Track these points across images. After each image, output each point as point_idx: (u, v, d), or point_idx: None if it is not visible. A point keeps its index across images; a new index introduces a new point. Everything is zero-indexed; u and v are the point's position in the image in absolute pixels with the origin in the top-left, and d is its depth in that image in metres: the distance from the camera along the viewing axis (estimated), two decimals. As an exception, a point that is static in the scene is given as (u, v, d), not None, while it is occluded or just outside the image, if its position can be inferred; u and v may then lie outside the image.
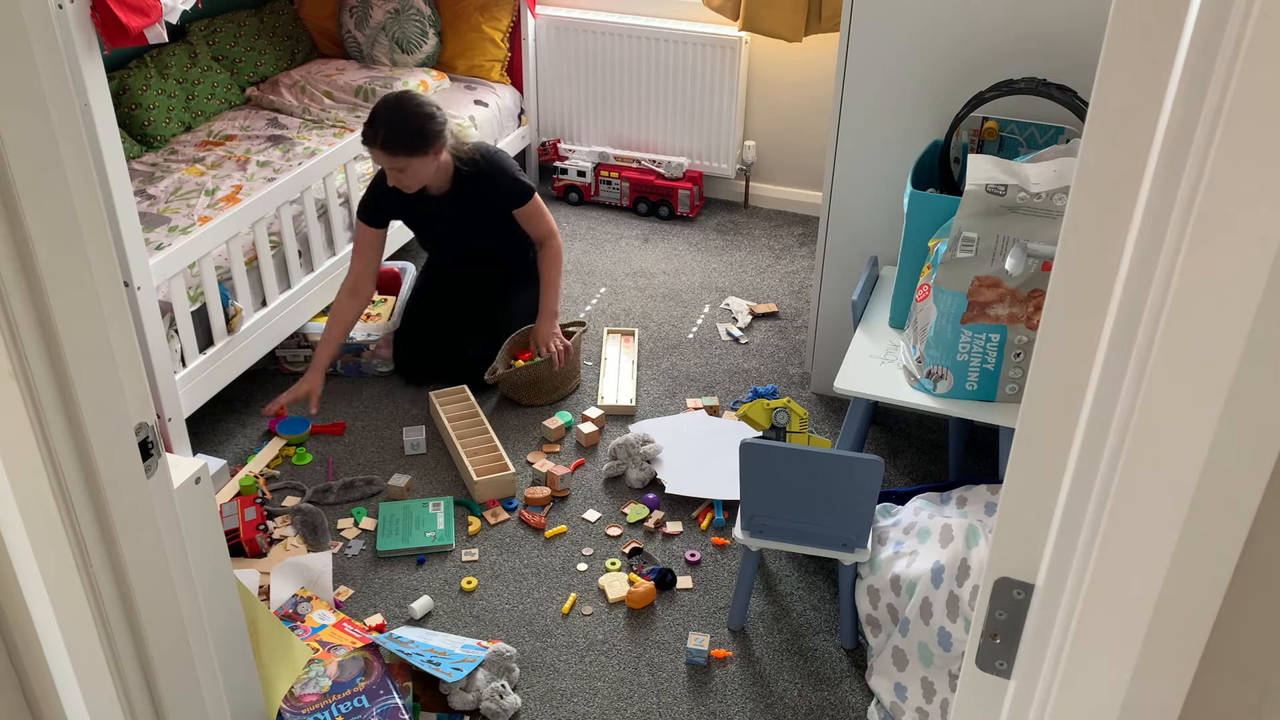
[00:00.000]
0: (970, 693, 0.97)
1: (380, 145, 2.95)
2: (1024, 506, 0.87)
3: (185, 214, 3.35)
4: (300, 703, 2.26)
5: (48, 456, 1.14)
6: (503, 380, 3.25)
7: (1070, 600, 0.82)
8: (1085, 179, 0.74)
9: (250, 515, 2.73)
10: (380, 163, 3.03)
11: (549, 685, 2.40)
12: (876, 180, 2.96)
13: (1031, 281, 2.18)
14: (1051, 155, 2.31)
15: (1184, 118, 0.66)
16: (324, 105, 4.14)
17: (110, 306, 1.17)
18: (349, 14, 4.46)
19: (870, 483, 2.23)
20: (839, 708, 2.36)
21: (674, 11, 4.34)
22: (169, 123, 3.84)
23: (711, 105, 4.33)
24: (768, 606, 2.61)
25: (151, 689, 1.37)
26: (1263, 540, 0.74)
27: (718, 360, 3.52)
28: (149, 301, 2.66)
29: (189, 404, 2.92)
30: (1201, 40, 0.64)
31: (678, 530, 2.82)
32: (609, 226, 4.36)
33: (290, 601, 2.52)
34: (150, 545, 1.30)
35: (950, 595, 2.19)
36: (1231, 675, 0.82)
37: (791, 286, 3.94)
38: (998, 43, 2.69)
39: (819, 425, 3.21)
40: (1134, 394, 0.72)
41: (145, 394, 1.26)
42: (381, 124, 2.96)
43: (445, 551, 2.75)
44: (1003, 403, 2.33)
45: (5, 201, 1.04)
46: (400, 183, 3.05)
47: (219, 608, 1.92)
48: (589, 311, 3.77)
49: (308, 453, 3.07)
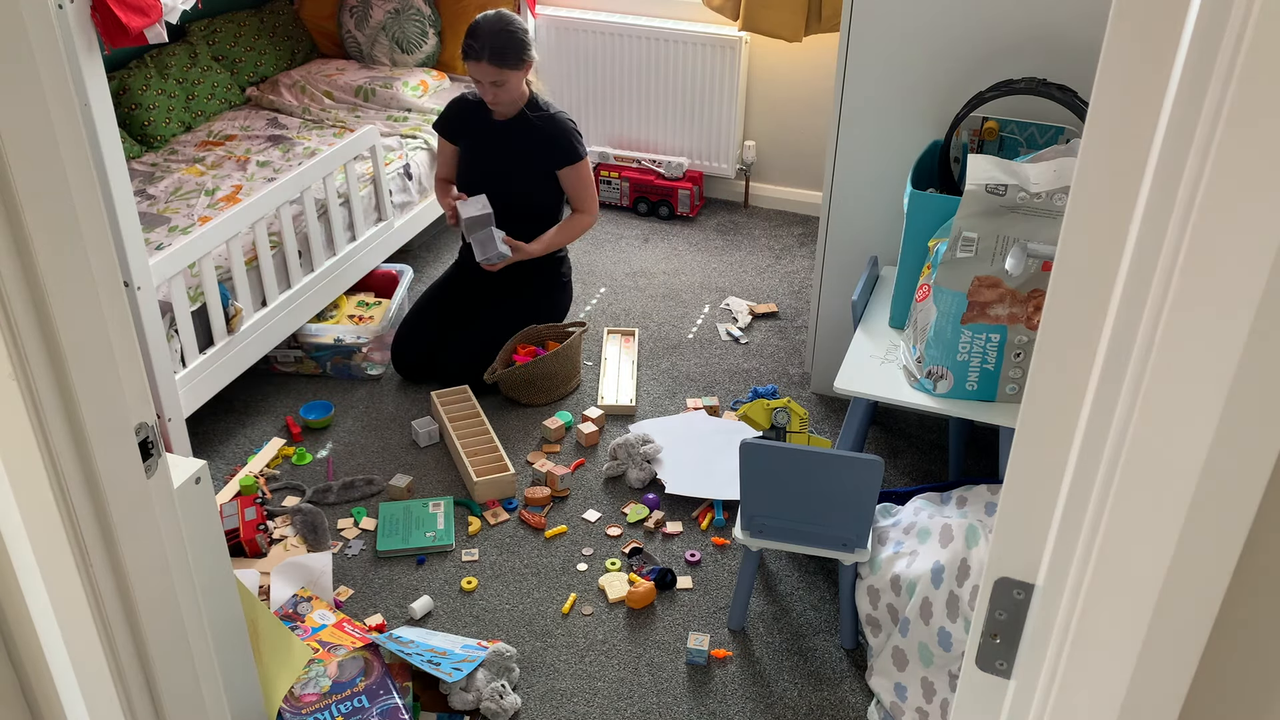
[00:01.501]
0: (970, 693, 0.97)
1: (489, 58, 3.14)
2: (1024, 506, 0.87)
3: (185, 214, 3.35)
4: (300, 703, 2.26)
5: (48, 456, 1.14)
6: (503, 380, 3.25)
7: (1070, 600, 0.83)
8: (1085, 179, 0.74)
9: (250, 515, 2.73)
10: (480, 76, 3.19)
11: (549, 685, 2.40)
12: (876, 180, 2.96)
13: (1031, 281, 2.18)
14: (1051, 155, 2.31)
15: (1184, 118, 0.66)
16: (324, 105, 4.14)
17: (110, 307, 1.17)
18: (349, 14, 4.47)
19: (870, 483, 2.23)
20: (839, 708, 2.36)
21: (674, 11, 4.34)
22: (169, 123, 3.84)
23: (711, 105, 4.33)
24: (768, 606, 2.61)
25: (151, 689, 1.37)
26: (1263, 540, 0.74)
27: (718, 360, 3.52)
28: (149, 301, 2.65)
29: (189, 404, 2.92)
30: (1201, 40, 0.64)
31: (678, 530, 2.82)
32: (609, 226, 4.36)
33: (290, 601, 2.52)
34: (150, 545, 1.30)
35: (950, 595, 2.19)
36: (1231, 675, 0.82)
37: (791, 286, 3.94)
38: (998, 43, 2.69)
39: (819, 425, 3.21)
40: (1134, 394, 0.72)
41: (145, 394, 1.26)
42: (488, 37, 3.15)
43: (445, 551, 2.75)
44: (1003, 403, 2.33)
45: (5, 201, 1.04)
46: (496, 98, 3.24)
47: (219, 608, 1.92)
48: (589, 311, 3.77)
49: (307, 453, 3.08)
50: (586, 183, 3.40)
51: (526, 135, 3.32)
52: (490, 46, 3.14)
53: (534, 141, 3.32)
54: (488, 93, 3.24)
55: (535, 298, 3.43)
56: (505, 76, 3.18)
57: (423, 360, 3.37)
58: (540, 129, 3.31)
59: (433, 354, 3.36)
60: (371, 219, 3.67)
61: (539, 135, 3.31)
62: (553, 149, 3.32)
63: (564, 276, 3.52)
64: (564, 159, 3.33)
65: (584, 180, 3.39)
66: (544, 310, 3.46)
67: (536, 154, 3.32)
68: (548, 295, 3.47)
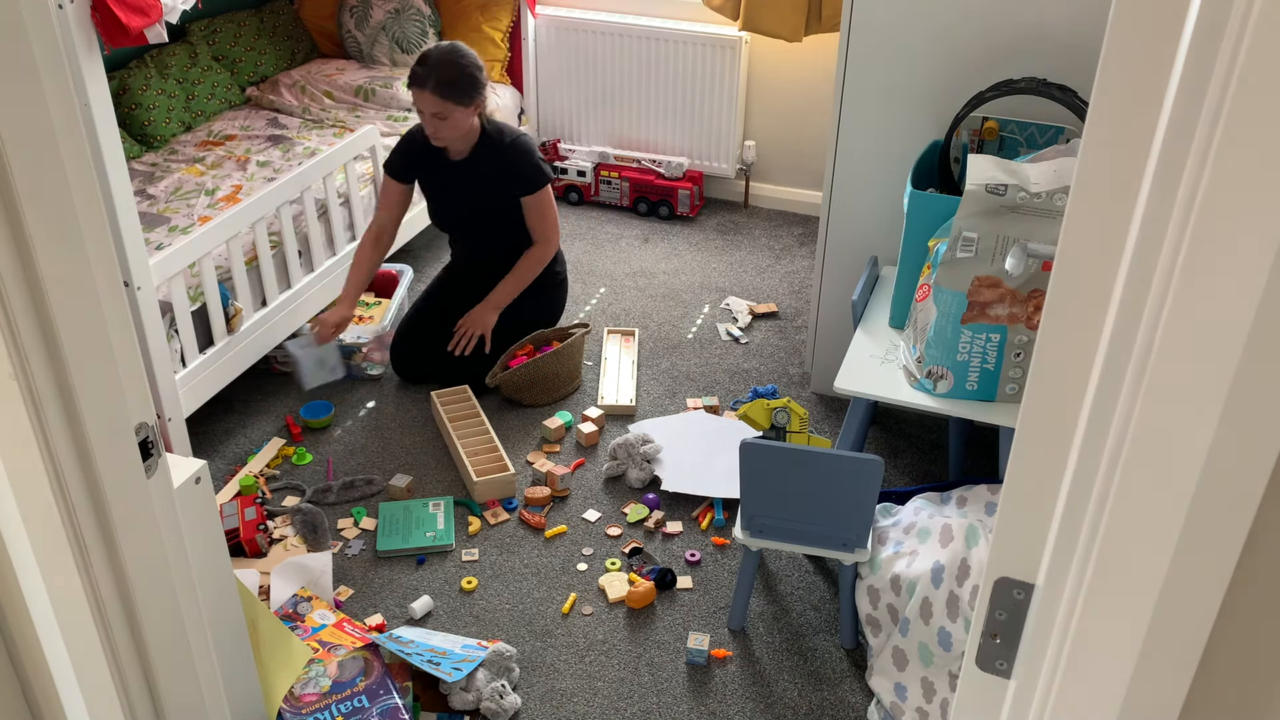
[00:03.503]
0: (970, 693, 0.97)
1: (431, 88, 3.03)
2: (1024, 506, 0.87)
3: (185, 214, 3.35)
4: (300, 703, 2.26)
5: (48, 456, 1.14)
6: (503, 381, 3.25)
7: (1070, 600, 0.82)
8: (1085, 179, 0.74)
9: (250, 515, 2.73)
10: (424, 106, 3.09)
11: (549, 685, 2.40)
12: (876, 180, 2.96)
13: (1031, 281, 2.18)
14: (1051, 155, 2.31)
15: (1184, 118, 0.66)
16: (324, 105, 4.14)
17: (110, 306, 1.17)
18: (349, 14, 4.47)
19: (870, 483, 2.23)
20: (839, 708, 2.36)
21: (674, 11, 4.34)
22: (169, 123, 3.84)
23: (711, 105, 4.33)
24: (768, 606, 2.61)
25: (151, 689, 1.37)
26: (1263, 540, 0.74)
27: (718, 360, 3.52)
28: (149, 301, 2.65)
29: (189, 404, 2.92)
30: (1201, 40, 0.64)
31: (678, 530, 2.82)
32: (609, 226, 4.36)
33: (290, 601, 2.52)
34: (150, 545, 1.30)
35: (950, 595, 2.19)
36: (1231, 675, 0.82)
37: (791, 286, 3.94)
38: (998, 43, 2.69)
39: (819, 425, 3.21)
40: (1134, 394, 0.72)
41: (145, 394, 1.26)
42: (434, 66, 3.05)
43: (445, 551, 2.75)
44: (1003, 403, 2.33)
45: (5, 201, 1.04)
46: (437, 132, 3.12)
47: (219, 608, 1.92)
48: (589, 311, 3.77)
49: (308, 453, 3.08)
50: (545, 210, 3.29)
51: (484, 166, 3.23)
52: (436, 77, 3.03)
53: (493, 172, 3.23)
54: (429, 124, 3.11)
55: (532, 298, 3.41)
56: (448, 110, 3.06)
57: (422, 360, 3.36)
58: (497, 158, 3.22)
59: (432, 354, 3.36)
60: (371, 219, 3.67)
61: (497, 165, 3.22)
62: (512, 178, 3.23)
63: (559, 275, 3.51)
64: (524, 188, 3.24)
65: (543, 207, 3.28)
66: (541, 309, 3.45)
67: (498, 183, 3.24)
68: (544, 295, 3.46)
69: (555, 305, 3.52)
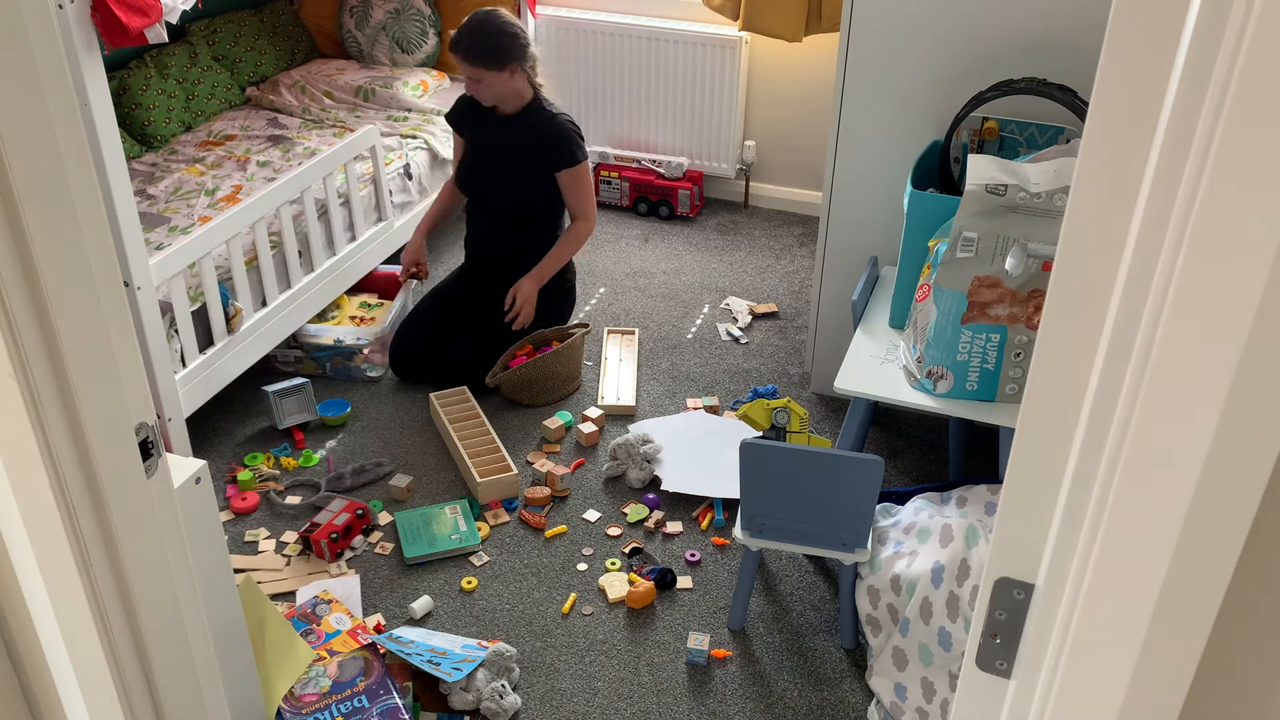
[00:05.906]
0: (970, 693, 0.97)
1: (463, 54, 3.17)
2: (1024, 506, 0.87)
3: (185, 214, 3.35)
4: (300, 703, 2.26)
5: (48, 456, 1.14)
6: (503, 381, 3.25)
7: (1070, 600, 0.82)
8: (1085, 179, 0.74)
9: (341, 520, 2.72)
10: (461, 71, 3.24)
11: (549, 685, 2.40)
12: (876, 180, 2.96)
13: (1031, 281, 2.18)
14: (1051, 155, 2.31)
15: (1184, 118, 0.66)
16: (324, 105, 4.14)
17: (110, 306, 1.17)
18: (349, 14, 4.47)
19: (870, 483, 2.23)
20: (839, 708, 2.36)
21: (674, 11, 4.34)
22: (169, 123, 3.84)
23: (711, 105, 4.33)
24: (768, 606, 2.61)
25: (151, 689, 1.37)
26: (1263, 540, 0.74)
27: (718, 360, 3.52)
28: (149, 301, 2.65)
29: (189, 404, 2.92)
30: (1201, 40, 0.64)
31: (678, 530, 2.82)
32: (609, 226, 4.36)
33: (310, 602, 2.52)
34: (150, 545, 1.30)
35: (950, 595, 2.19)
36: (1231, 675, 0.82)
37: (791, 286, 3.94)
38: (998, 43, 2.69)
39: (819, 425, 3.21)
40: (1134, 394, 0.72)
41: (145, 394, 1.26)
42: (466, 33, 3.18)
43: (473, 552, 2.74)
44: (1003, 403, 2.33)
45: (5, 201, 1.04)
46: (477, 92, 3.27)
47: (219, 608, 1.92)
48: (589, 311, 3.77)
49: (313, 454, 3.08)
50: (584, 187, 3.36)
51: (526, 134, 3.31)
52: (466, 44, 3.16)
53: (532, 141, 3.30)
54: (469, 86, 3.27)
55: (541, 303, 3.40)
56: (480, 75, 3.19)
57: (421, 361, 3.36)
58: (539, 129, 3.30)
59: (432, 355, 3.35)
60: (371, 219, 3.67)
61: (537, 135, 3.30)
62: (550, 151, 3.30)
63: (568, 282, 3.51)
64: (561, 162, 3.31)
65: (582, 184, 3.36)
66: (549, 314, 3.45)
67: (535, 154, 3.31)
68: (552, 300, 3.45)
69: (563, 312, 3.52)
